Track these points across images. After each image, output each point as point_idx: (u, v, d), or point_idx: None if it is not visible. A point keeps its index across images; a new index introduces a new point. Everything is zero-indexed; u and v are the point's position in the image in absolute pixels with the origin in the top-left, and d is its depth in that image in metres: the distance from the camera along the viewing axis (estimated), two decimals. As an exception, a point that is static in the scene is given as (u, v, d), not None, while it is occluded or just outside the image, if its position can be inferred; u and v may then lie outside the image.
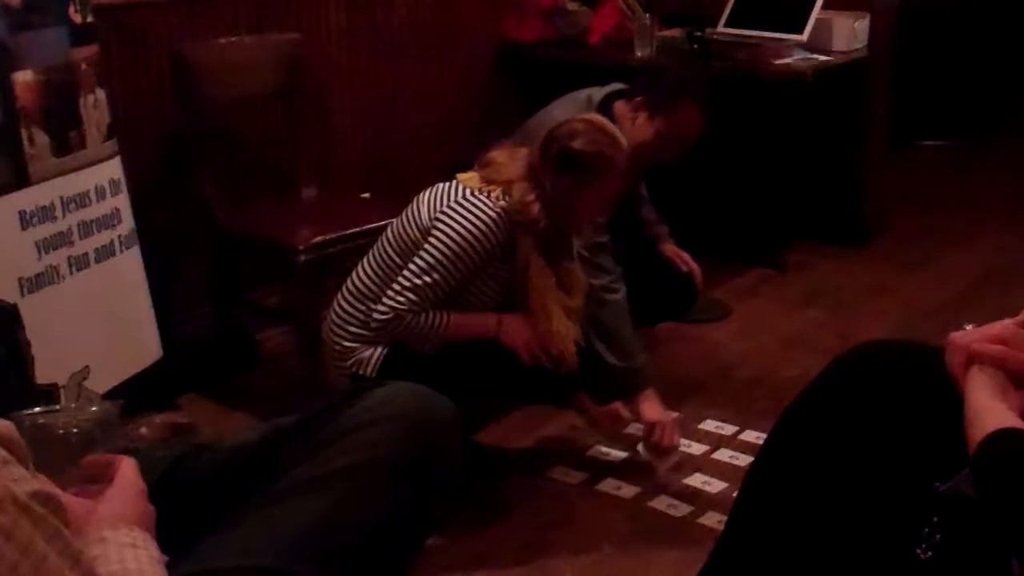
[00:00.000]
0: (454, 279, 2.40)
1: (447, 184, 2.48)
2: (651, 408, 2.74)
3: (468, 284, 2.45)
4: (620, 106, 2.97)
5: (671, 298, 3.21)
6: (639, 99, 2.95)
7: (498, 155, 2.50)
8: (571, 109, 2.91)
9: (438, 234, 2.39)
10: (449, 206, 2.41)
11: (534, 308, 2.45)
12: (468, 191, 2.43)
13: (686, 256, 3.22)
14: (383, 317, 2.40)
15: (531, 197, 2.41)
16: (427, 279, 2.39)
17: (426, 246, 2.40)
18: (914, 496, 1.28)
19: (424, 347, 2.43)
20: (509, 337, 2.44)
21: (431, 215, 2.43)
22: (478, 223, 2.38)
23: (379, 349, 2.47)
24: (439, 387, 1.52)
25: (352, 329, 2.51)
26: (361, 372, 2.48)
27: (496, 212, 2.39)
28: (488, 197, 2.41)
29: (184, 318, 3.27)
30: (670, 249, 3.24)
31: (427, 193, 2.49)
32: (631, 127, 2.91)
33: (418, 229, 2.45)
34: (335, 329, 2.53)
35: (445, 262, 2.38)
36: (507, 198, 2.41)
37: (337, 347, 2.52)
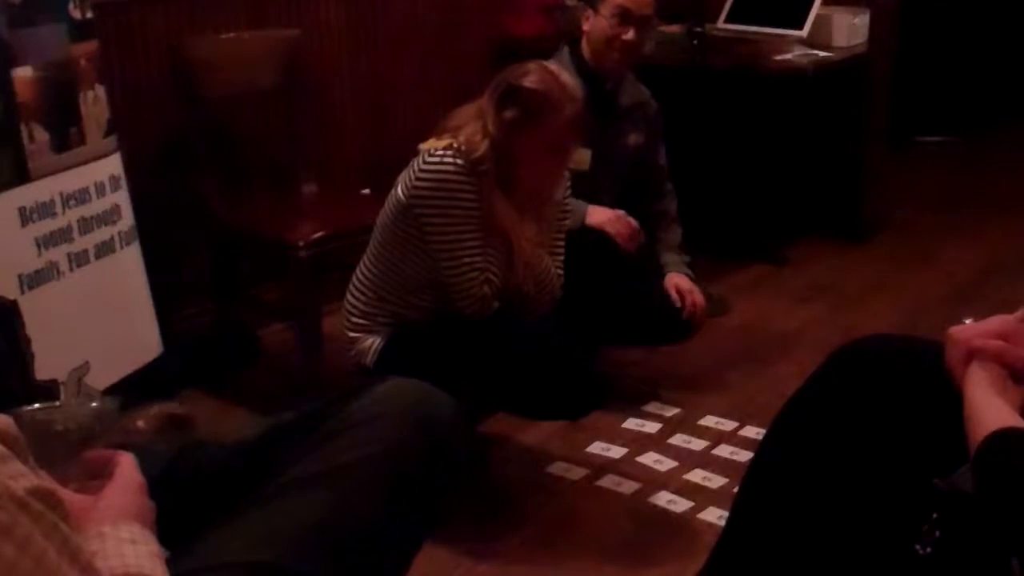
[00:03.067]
0: (472, 235, 2.40)
1: (413, 160, 2.48)
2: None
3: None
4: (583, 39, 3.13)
5: (660, 330, 3.07)
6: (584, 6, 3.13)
7: (456, 111, 2.50)
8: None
9: (424, 215, 2.39)
10: (413, 184, 2.40)
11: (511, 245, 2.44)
12: (422, 157, 2.42)
13: (685, 290, 3.04)
14: (471, 310, 2.43)
15: (478, 137, 2.40)
16: (457, 257, 2.39)
17: (429, 238, 2.40)
18: (913, 492, 1.28)
19: None
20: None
21: (404, 192, 2.43)
22: (440, 176, 2.37)
23: (378, 339, 2.50)
24: (436, 378, 1.52)
25: (355, 319, 2.54)
26: (361, 361, 2.51)
27: (449, 157, 2.38)
28: (438, 151, 2.40)
29: (184, 314, 3.27)
30: (671, 281, 3.06)
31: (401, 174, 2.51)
32: (588, 35, 3.09)
33: (392, 207, 2.46)
34: (343, 320, 2.58)
35: (451, 231, 2.39)
36: (455, 149, 2.39)
37: (345, 337, 2.57)
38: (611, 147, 3.10)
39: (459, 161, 2.38)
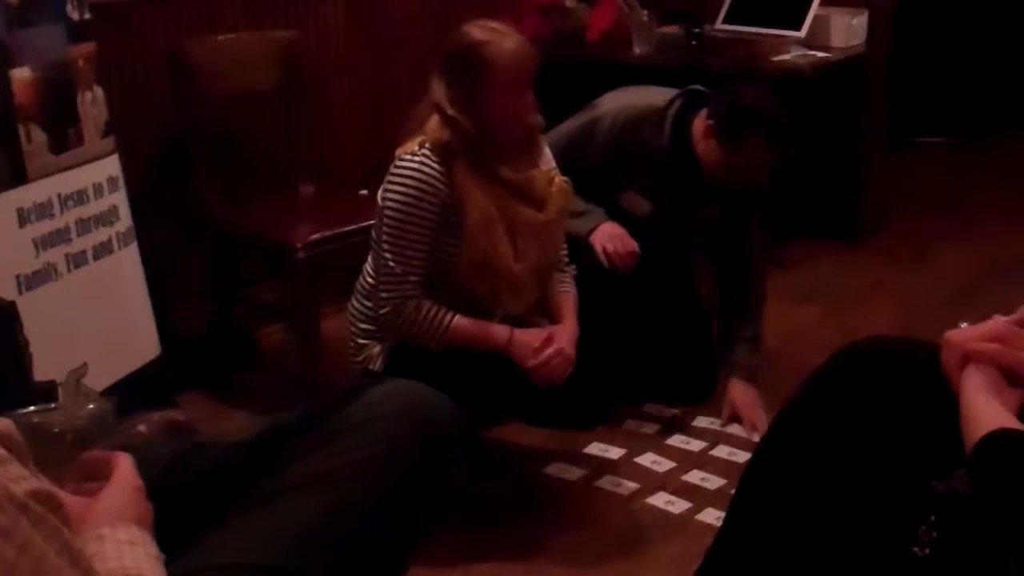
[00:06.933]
0: (422, 244, 2.38)
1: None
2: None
3: (443, 246, 2.42)
4: (697, 123, 2.90)
5: (683, 383, 3.07)
6: (711, 124, 2.84)
7: (413, 111, 2.47)
8: (635, 96, 2.98)
9: (386, 212, 2.39)
10: (385, 187, 2.42)
11: (473, 237, 2.37)
12: (395, 161, 2.42)
13: (747, 406, 2.95)
14: (383, 311, 2.41)
15: (437, 122, 2.39)
16: (398, 258, 2.37)
17: (383, 229, 2.40)
18: (911, 494, 1.28)
19: (431, 345, 2.40)
20: (518, 352, 2.37)
21: (380, 197, 2.44)
22: (407, 180, 2.36)
23: (387, 345, 2.48)
24: (445, 386, 1.52)
25: (362, 325, 2.53)
26: (370, 367, 2.50)
27: (416, 161, 2.36)
28: (407, 154, 2.39)
29: (182, 315, 3.27)
30: (732, 393, 3.00)
31: None
32: (703, 149, 2.88)
33: (377, 214, 2.46)
34: (350, 327, 2.57)
35: (402, 234, 2.37)
36: (426, 145, 2.38)
37: (351, 343, 2.56)
38: (685, 210, 2.99)
39: (427, 161, 2.36)
